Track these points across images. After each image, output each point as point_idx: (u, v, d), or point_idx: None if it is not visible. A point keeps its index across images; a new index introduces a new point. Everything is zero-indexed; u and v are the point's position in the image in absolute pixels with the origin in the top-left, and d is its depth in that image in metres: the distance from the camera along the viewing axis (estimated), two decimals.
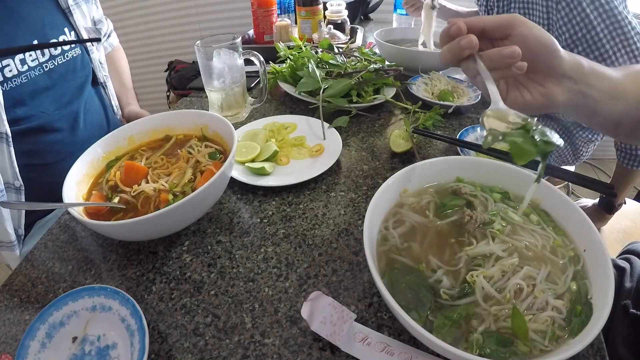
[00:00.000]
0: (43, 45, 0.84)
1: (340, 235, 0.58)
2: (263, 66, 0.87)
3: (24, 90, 0.81)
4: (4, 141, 0.74)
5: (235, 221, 0.62)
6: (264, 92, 0.92)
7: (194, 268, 0.54)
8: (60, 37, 0.89)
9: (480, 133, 0.80)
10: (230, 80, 0.86)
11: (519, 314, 0.39)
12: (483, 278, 0.42)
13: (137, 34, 2.18)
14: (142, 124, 0.70)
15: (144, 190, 0.59)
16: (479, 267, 0.44)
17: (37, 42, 0.83)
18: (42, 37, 0.84)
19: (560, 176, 0.64)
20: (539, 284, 0.42)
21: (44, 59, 0.84)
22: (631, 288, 0.62)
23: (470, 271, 0.43)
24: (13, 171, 0.76)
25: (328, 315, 0.44)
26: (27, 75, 0.80)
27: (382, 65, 0.99)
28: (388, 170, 0.73)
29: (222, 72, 0.85)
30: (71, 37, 0.92)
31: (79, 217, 0.51)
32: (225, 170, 0.57)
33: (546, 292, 0.41)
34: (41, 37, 0.84)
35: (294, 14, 1.49)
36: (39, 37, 0.84)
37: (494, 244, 0.46)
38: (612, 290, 0.38)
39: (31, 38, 0.82)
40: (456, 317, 0.40)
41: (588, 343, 0.34)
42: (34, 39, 0.82)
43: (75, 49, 0.93)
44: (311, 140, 0.79)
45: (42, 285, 0.54)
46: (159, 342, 0.45)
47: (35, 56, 0.83)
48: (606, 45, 0.91)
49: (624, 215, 1.20)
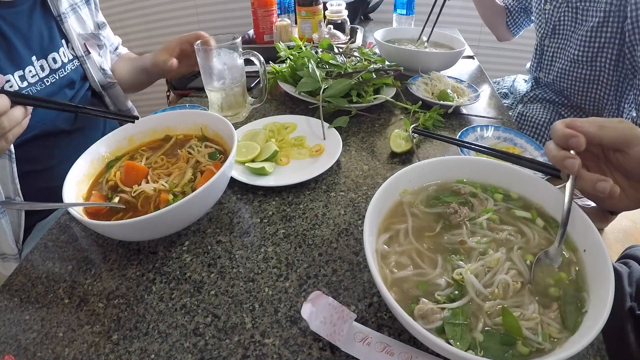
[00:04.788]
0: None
1: (340, 235, 0.58)
2: (263, 66, 0.88)
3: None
4: (6, 157, 0.72)
5: (235, 221, 0.62)
6: (264, 92, 0.92)
7: (194, 268, 0.54)
8: (60, 50, 0.86)
9: (480, 133, 0.80)
10: (230, 80, 0.86)
11: (508, 312, 0.39)
12: (470, 274, 0.43)
13: (137, 34, 2.18)
14: (142, 124, 0.70)
15: (144, 190, 0.59)
16: (462, 262, 0.45)
17: (35, 58, 0.80)
18: (40, 53, 0.81)
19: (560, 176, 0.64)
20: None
21: (44, 74, 0.82)
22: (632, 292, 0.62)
23: (455, 269, 0.44)
24: (14, 187, 0.75)
25: (328, 315, 0.44)
26: (27, 91, 0.78)
27: (382, 65, 0.99)
28: (388, 170, 0.72)
29: (222, 72, 0.85)
30: (67, 49, 0.88)
31: (79, 217, 0.51)
32: (225, 170, 0.57)
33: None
34: (39, 53, 0.81)
35: (294, 14, 1.49)
36: (37, 53, 0.80)
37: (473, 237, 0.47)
38: (612, 290, 0.38)
39: (29, 54, 0.79)
40: (455, 316, 0.40)
41: (588, 343, 0.34)
42: (32, 55, 0.79)
43: (73, 61, 0.90)
44: (311, 140, 0.79)
45: (42, 285, 0.54)
46: (159, 342, 0.45)
47: (35, 72, 0.80)
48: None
49: (624, 215, 1.20)
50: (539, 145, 0.75)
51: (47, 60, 0.83)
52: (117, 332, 0.47)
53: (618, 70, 1.05)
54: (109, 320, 0.48)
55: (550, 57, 1.21)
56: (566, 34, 1.14)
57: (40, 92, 0.81)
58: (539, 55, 1.27)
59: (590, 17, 1.03)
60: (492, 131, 0.80)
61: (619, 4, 0.96)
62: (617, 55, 1.02)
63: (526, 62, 1.40)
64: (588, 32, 1.04)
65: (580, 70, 1.11)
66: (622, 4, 0.95)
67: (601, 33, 1.02)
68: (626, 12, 0.94)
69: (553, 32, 1.18)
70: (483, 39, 1.50)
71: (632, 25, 0.92)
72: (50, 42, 0.84)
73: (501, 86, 1.51)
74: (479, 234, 0.48)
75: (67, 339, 0.46)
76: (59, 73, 0.85)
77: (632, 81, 1.03)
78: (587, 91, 1.13)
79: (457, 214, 0.50)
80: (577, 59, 1.09)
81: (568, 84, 1.16)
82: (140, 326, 0.47)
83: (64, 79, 0.86)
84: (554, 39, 1.18)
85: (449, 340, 0.38)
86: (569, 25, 1.12)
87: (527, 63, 1.39)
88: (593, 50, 1.05)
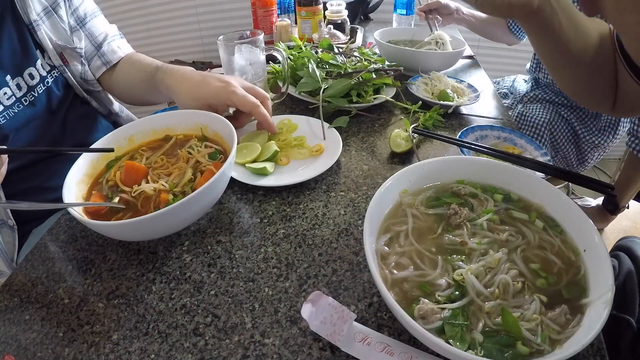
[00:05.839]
0: None
1: (340, 235, 0.58)
2: (286, 62, 0.89)
3: (6, 128, 0.72)
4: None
5: (235, 221, 0.62)
6: (285, 88, 0.92)
7: (194, 268, 0.54)
8: (37, 63, 0.77)
9: (480, 133, 0.80)
10: (252, 76, 0.87)
11: (508, 312, 0.39)
12: (470, 274, 0.43)
13: (137, 34, 2.18)
14: (142, 124, 0.70)
15: (144, 190, 0.59)
16: (462, 263, 0.45)
17: (9, 77, 0.72)
18: (15, 71, 0.74)
19: (560, 176, 0.64)
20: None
21: (21, 93, 0.74)
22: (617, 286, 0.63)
23: (456, 270, 0.44)
24: (5, 212, 0.73)
25: (328, 315, 0.44)
26: (4, 114, 0.72)
27: (382, 65, 0.99)
28: (388, 170, 0.72)
29: (244, 68, 0.86)
30: (44, 60, 0.79)
31: (79, 217, 0.51)
32: (226, 171, 0.57)
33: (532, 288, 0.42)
34: (13, 72, 0.73)
35: (294, 14, 1.49)
36: (11, 71, 0.73)
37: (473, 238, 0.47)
38: (612, 290, 0.38)
39: (2, 75, 0.72)
40: (456, 317, 0.40)
41: (587, 343, 0.34)
42: (5, 75, 0.72)
43: (52, 72, 0.81)
44: (311, 140, 0.79)
45: (42, 285, 0.54)
46: (159, 342, 0.45)
47: (11, 92, 0.72)
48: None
49: (624, 215, 1.20)
50: (539, 145, 0.75)
51: (23, 78, 0.75)
52: (117, 332, 0.47)
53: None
54: (109, 320, 0.48)
55: None
56: None
57: (19, 114, 0.74)
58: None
59: None
60: (492, 131, 0.80)
61: None
62: None
63: (526, 62, 1.41)
64: None
65: None
66: None
67: None
68: None
69: None
70: (483, 39, 1.50)
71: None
72: (24, 56, 0.76)
73: (501, 86, 1.51)
74: (479, 234, 0.48)
75: (67, 339, 0.46)
76: (37, 89, 0.78)
77: None
78: None
79: (458, 215, 0.50)
80: None
81: None
82: (140, 326, 0.47)
83: (44, 95, 0.79)
84: None
85: (448, 341, 0.38)
86: None
87: (527, 63, 1.39)
88: None
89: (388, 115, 0.92)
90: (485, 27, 1.40)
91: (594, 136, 1.20)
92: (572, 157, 1.24)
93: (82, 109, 0.90)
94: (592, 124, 1.20)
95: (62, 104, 0.84)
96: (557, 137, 1.19)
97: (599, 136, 1.20)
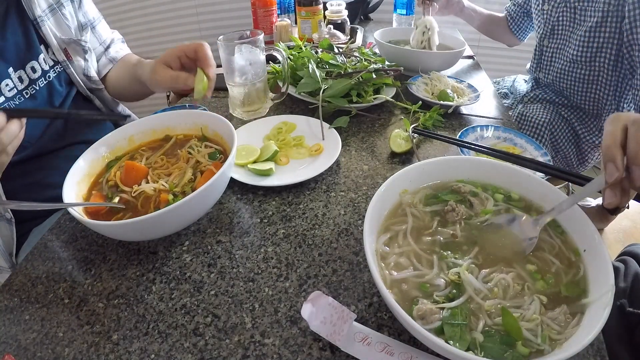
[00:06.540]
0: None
1: (340, 235, 0.58)
2: (286, 62, 0.89)
3: None
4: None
5: (235, 221, 0.62)
6: (285, 87, 0.92)
7: (194, 268, 0.54)
8: (40, 57, 0.79)
9: (480, 133, 0.80)
10: (252, 75, 0.87)
11: (508, 312, 0.39)
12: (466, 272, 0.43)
13: (137, 34, 2.18)
14: (142, 124, 0.70)
15: (144, 190, 0.59)
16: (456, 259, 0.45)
17: (12, 70, 0.73)
18: (18, 64, 0.75)
19: (560, 176, 0.64)
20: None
21: (22, 86, 0.75)
22: (626, 288, 0.63)
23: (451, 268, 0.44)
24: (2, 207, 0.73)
25: (328, 315, 0.44)
26: (5, 106, 0.72)
27: (382, 65, 0.99)
28: (388, 170, 0.72)
29: (244, 68, 0.86)
30: (47, 55, 0.81)
31: (79, 217, 0.51)
32: (225, 171, 0.57)
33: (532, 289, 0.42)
34: (16, 64, 0.75)
35: (294, 14, 1.49)
36: (14, 64, 0.74)
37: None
38: (612, 290, 0.38)
39: (5, 67, 0.73)
40: (454, 316, 0.40)
41: (588, 343, 0.34)
42: (8, 67, 0.73)
43: (55, 67, 0.83)
44: (310, 140, 0.79)
45: (42, 285, 0.54)
46: (159, 342, 0.45)
47: (13, 84, 0.73)
48: None
49: (624, 215, 1.20)
50: (539, 145, 0.75)
51: (25, 71, 0.76)
52: (117, 332, 0.47)
53: (617, 70, 1.05)
54: (109, 320, 0.48)
55: (549, 57, 1.21)
56: (565, 34, 1.14)
57: (19, 107, 0.75)
58: (538, 55, 1.27)
59: (589, 17, 1.03)
60: (492, 131, 0.80)
61: (617, 3, 0.96)
62: (615, 55, 1.02)
63: (526, 63, 1.40)
64: (586, 32, 1.04)
65: (579, 71, 1.11)
66: (620, 3, 0.95)
67: (599, 33, 1.02)
68: (624, 12, 0.94)
69: (552, 32, 1.18)
70: (483, 39, 1.50)
71: (630, 25, 0.92)
72: (28, 50, 0.78)
73: (501, 86, 1.50)
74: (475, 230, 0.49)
75: (67, 339, 0.46)
76: (39, 83, 0.79)
77: (630, 81, 1.03)
78: (586, 91, 1.13)
79: (455, 212, 0.50)
80: (576, 59, 1.09)
81: (567, 84, 1.16)
82: (140, 326, 0.47)
83: (45, 88, 0.80)
84: (552, 39, 1.18)
85: (448, 341, 0.38)
86: (567, 25, 1.12)
87: (527, 63, 1.39)
88: (592, 50, 1.05)
89: (388, 115, 0.92)
90: (484, 23, 1.40)
91: (594, 136, 1.20)
92: (572, 157, 1.24)
93: (84, 107, 0.92)
94: (592, 124, 1.20)
95: (64, 100, 0.85)
96: (557, 137, 1.19)
97: (599, 136, 1.20)
